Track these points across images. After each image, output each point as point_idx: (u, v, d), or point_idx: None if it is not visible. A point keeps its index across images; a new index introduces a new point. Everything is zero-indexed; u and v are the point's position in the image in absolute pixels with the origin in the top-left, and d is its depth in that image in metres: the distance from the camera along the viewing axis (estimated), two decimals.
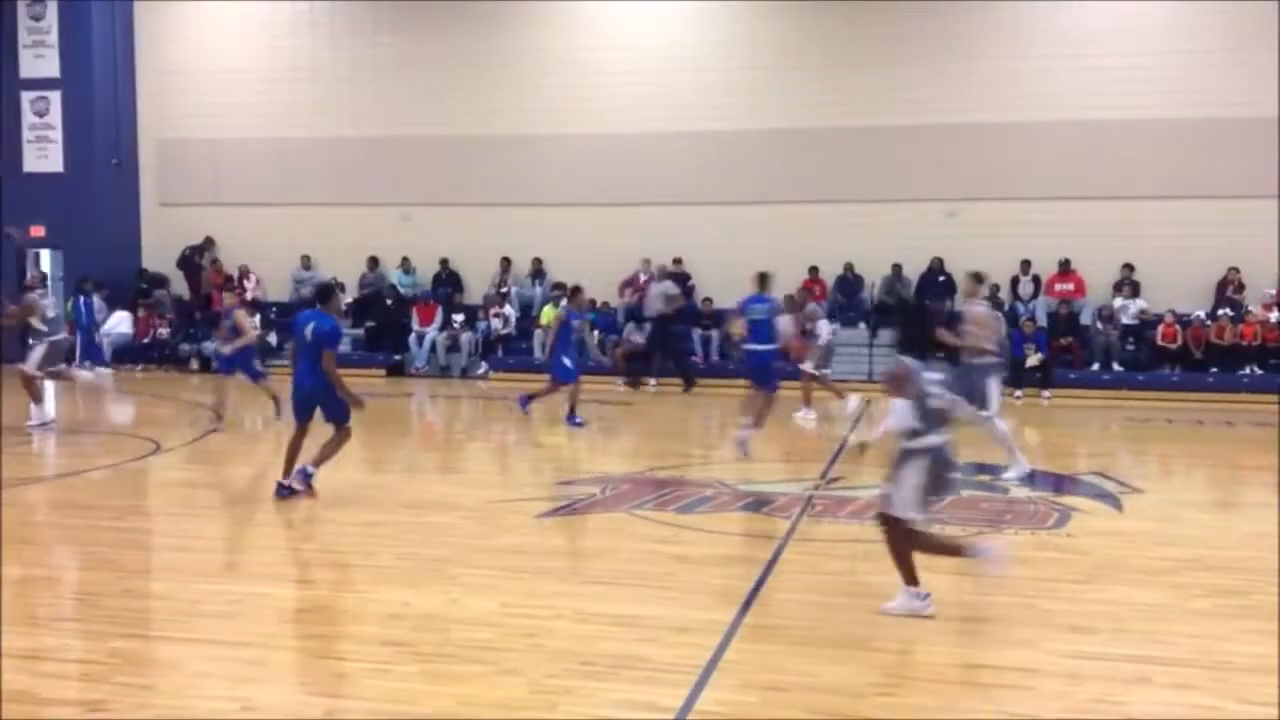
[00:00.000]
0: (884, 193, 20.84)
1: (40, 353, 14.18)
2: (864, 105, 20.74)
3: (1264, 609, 6.78)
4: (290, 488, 9.77)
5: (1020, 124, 20.28)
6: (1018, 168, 20.38)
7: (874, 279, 20.97)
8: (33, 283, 15.71)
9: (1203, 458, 13.84)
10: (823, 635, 6.31)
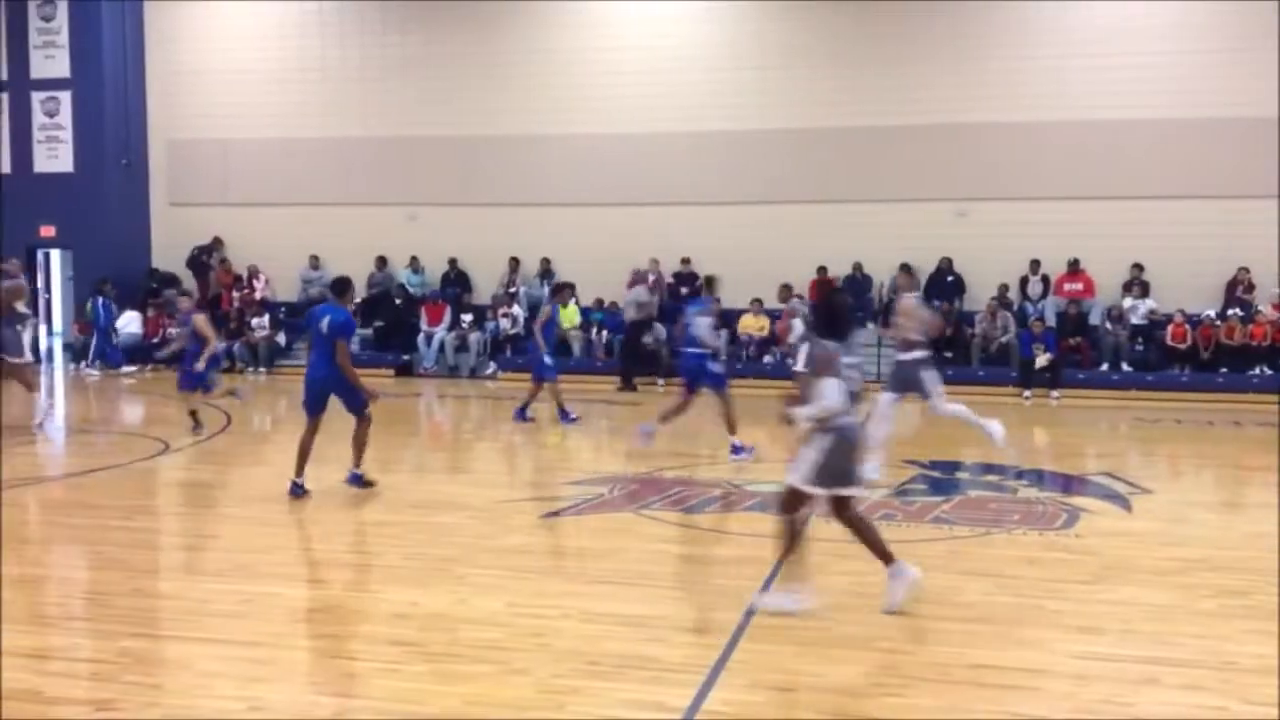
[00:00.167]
0: (893, 192, 20.83)
1: (27, 339, 13.61)
2: (872, 105, 20.72)
3: (1269, 610, 6.77)
4: (303, 486, 9.84)
5: (1029, 124, 20.25)
6: (1026, 167, 20.35)
7: (883, 279, 20.95)
8: (12, 269, 15.10)
9: (1212, 458, 13.80)
10: (830, 635, 6.32)
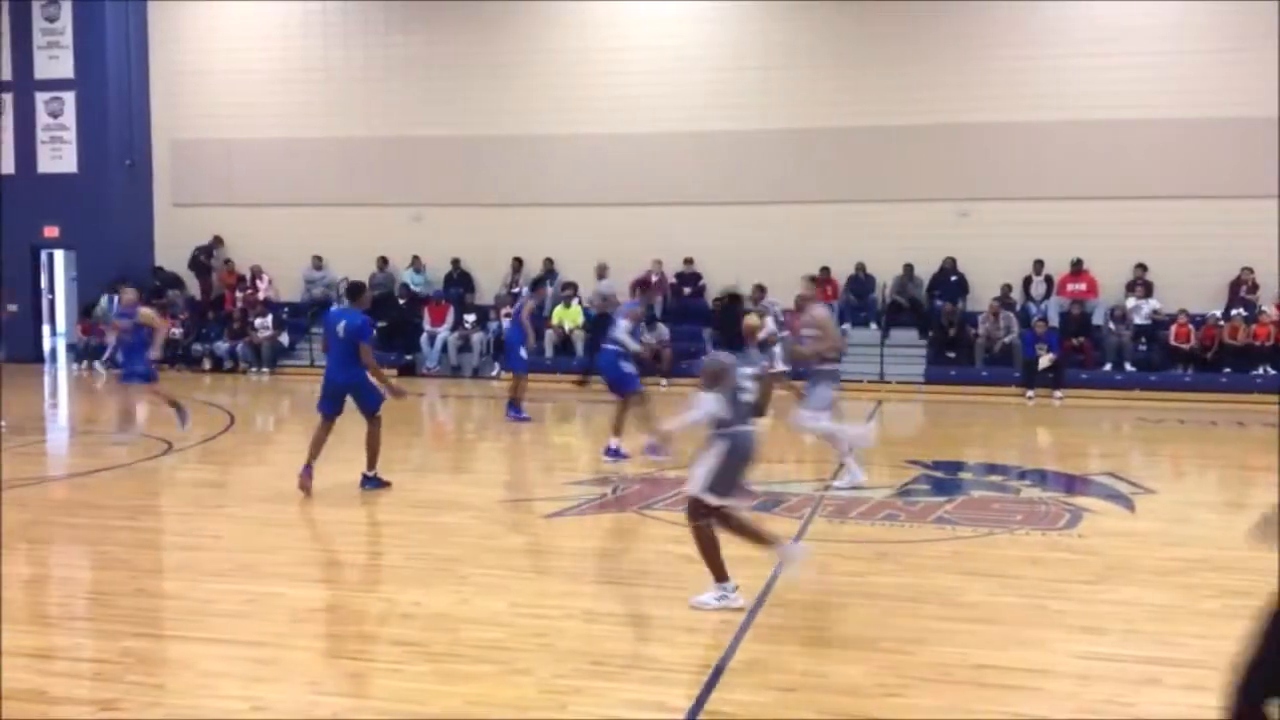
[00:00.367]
0: (896, 192, 20.82)
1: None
2: (875, 105, 20.72)
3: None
4: (309, 475, 10.03)
5: (1032, 124, 20.23)
6: (1029, 167, 20.33)
7: (885, 279, 20.94)
8: None
9: (1215, 458, 13.78)
10: (833, 636, 6.32)
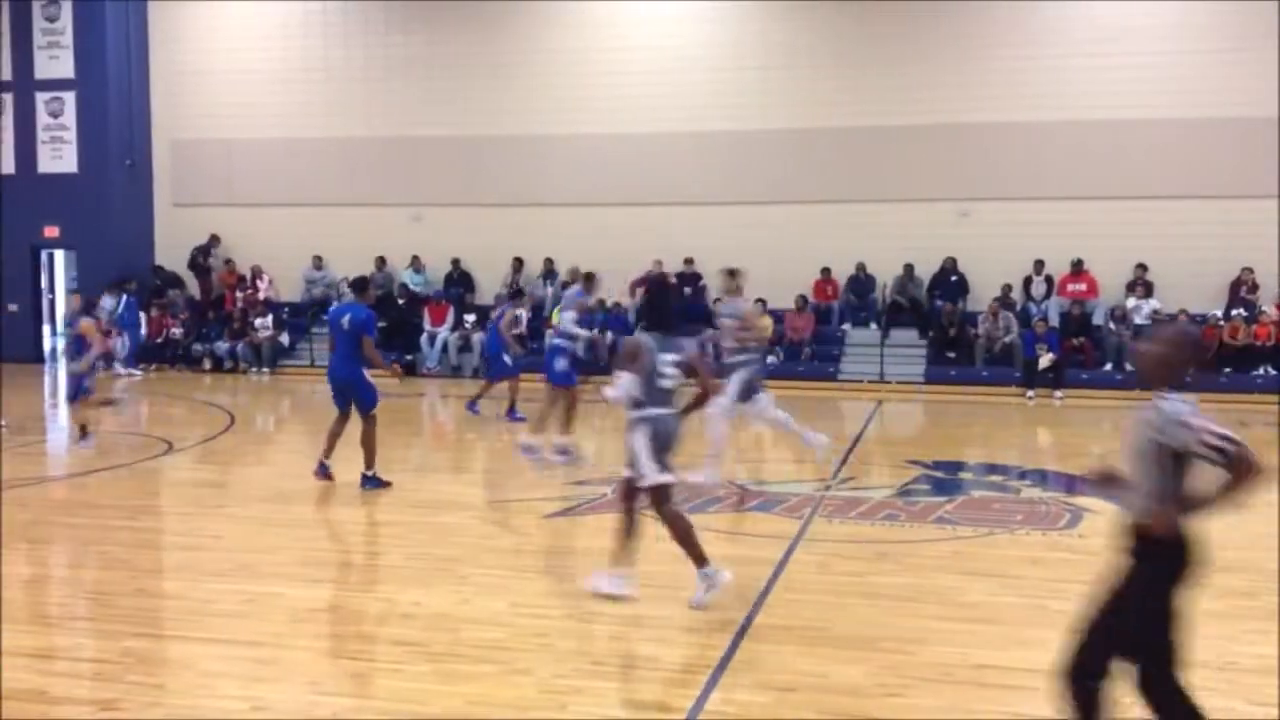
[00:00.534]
0: (896, 192, 20.81)
1: None
2: (875, 105, 20.71)
3: (1274, 610, 6.76)
4: (328, 468, 10.48)
5: (1032, 123, 20.22)
6: (1030, 167, 20.32)
7: (886, 279, 20.94)
8: None
9: None
10: (833, 636, 6.32)
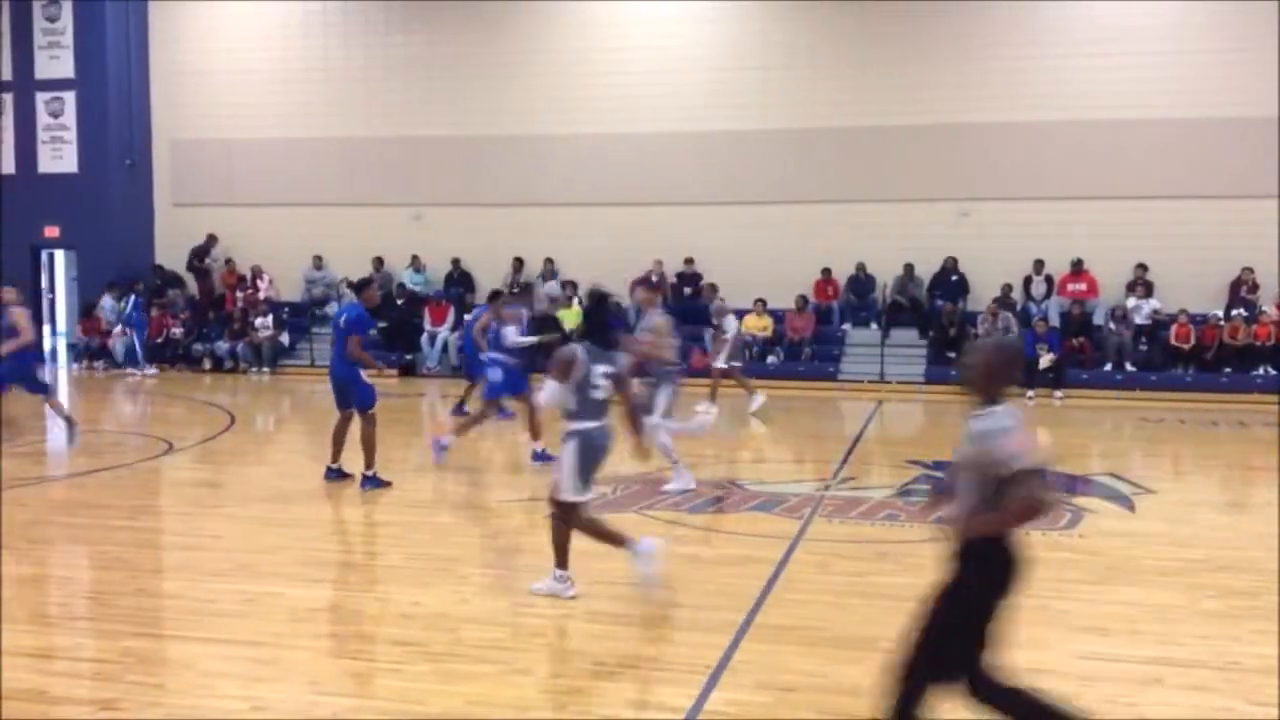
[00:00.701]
0: (896, 192, 20.80)
1: None
2: (875, 105, 20.71)
3: (1274, 610, 6.75)
4: (339, 471, 10.60)
5: (1032, 123, 20.21)
6: (1030, 167, 20.31)
7: (886, 279, 20.93)
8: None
9: (1216, 459, 13.76)
10: (833, 636, 6.31)
